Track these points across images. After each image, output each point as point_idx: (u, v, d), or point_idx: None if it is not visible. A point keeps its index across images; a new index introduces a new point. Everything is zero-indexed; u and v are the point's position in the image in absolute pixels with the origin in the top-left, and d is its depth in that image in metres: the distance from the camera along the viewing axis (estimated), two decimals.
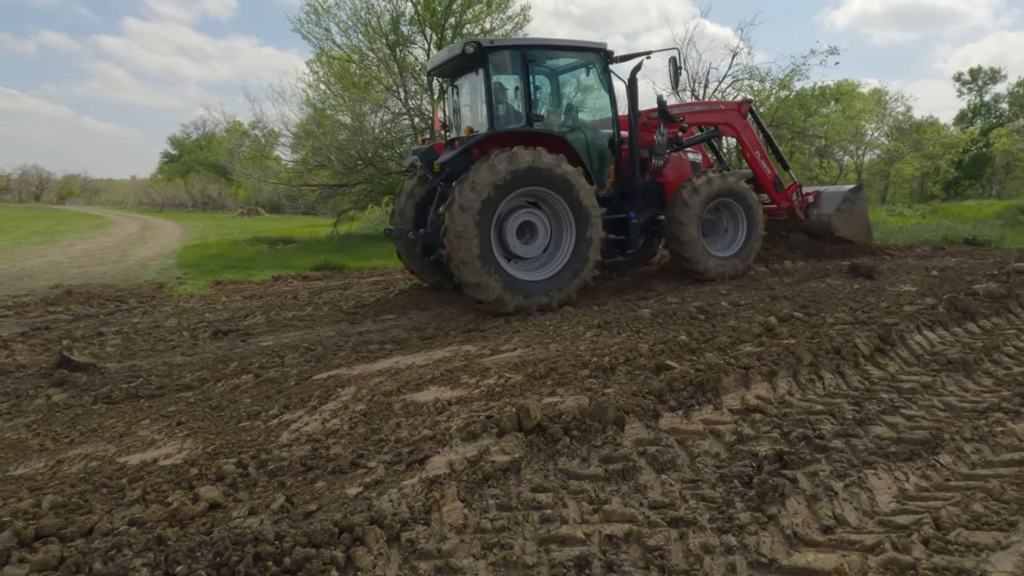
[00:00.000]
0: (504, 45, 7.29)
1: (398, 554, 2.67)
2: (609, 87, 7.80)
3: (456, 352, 5.39)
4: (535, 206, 7.16)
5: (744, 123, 9.39)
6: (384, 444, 3.70)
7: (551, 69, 8.04)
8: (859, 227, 9.80)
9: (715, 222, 8.50)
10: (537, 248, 7.21)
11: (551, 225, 7.24)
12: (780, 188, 9.55)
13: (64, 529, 3.11)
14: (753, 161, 9.39)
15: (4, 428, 4.51)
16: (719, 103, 9.95)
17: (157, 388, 5.21)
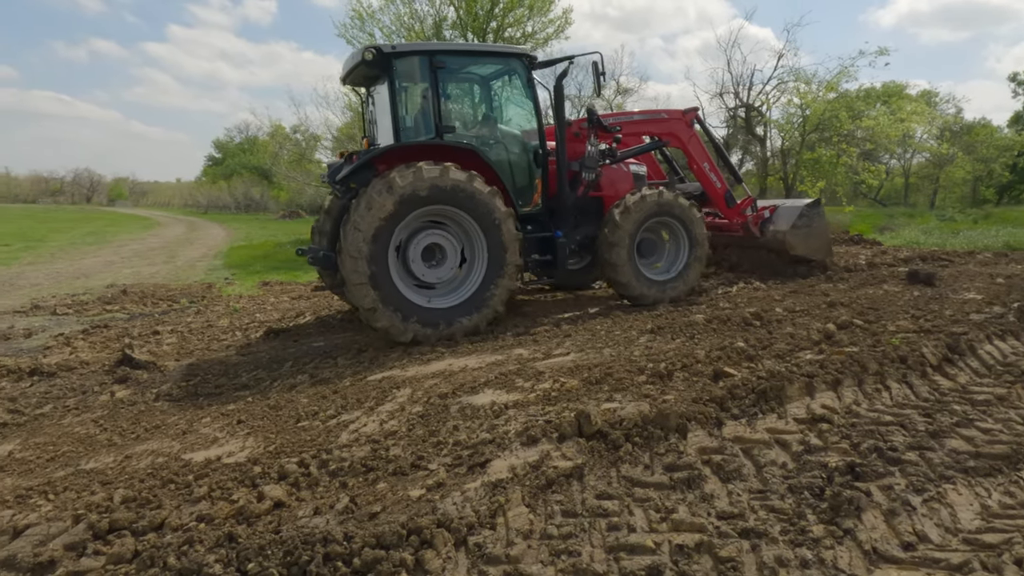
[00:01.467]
0: (409, 51, 6.61)
1: (466, 558, 2.67)
2: (533, 95, 7.11)
3: (508, 356, 5.38)
4: (445, 227, 6.50)
5: (690, 133, 8.63)
6: (443, 446, 3.71)
7: (467, 77, 7.43)
8: (818, 244, 8.90)
9: (654, 241, 7.79)
10: (446, 272, 6.51)
11: (461, 248, 6.55)
12: (732, 203, 8.79)
13: (136, 523, 3.18)
14: (701, 174, 8.68)
15: (73, 423, 4.65)
16: (661, 111, 8.97)
17: (215, 387, 5.32)
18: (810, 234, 8.73)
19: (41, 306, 9.71)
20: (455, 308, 6.36)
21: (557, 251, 7.12)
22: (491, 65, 7.30)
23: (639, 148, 8.41)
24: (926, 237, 15.03)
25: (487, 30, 23.78)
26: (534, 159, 7.17)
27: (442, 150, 6.46)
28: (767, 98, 23.16)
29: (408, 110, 6.81)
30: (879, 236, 15.05)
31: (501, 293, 6.51)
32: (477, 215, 6.32)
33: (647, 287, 7.35)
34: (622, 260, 7.18)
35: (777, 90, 22.54)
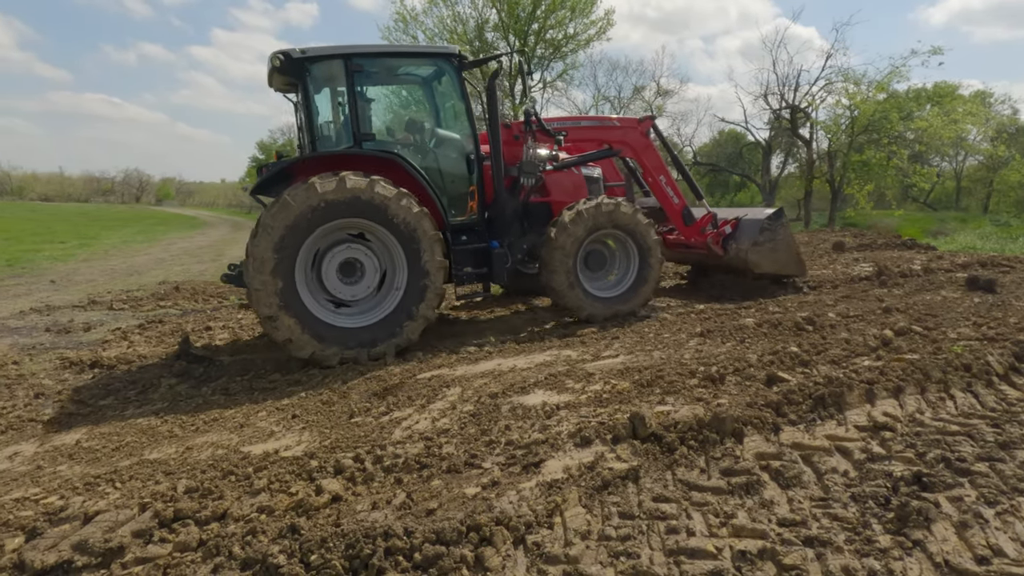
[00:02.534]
0: (321, 55, 6.09)
1: (525, 556, 2.67)
2: (464, 98, 6.61)
3: (557, 356, 5.38)
4: (370, 242, 6.06)
5: (645, 142, 7.96)
6: (495, 445, 3.72)
7: (389, 80, 6.95)
8: (785, 258, 8.10)
9: (603, 255, 7.24)
10: (364, 289, 6.04)
11: (380, 263, 6.08)
12: (690, 220, 8.08)
13: (199, 512, 3.27)
14: (657, 187, 8.00)
15: (135, 414, 4.80)
16: (614, 118, 8.29)
17: (269, 382, 5.44)
18: (775, 248, 7.93)
19: (97, 301, 10.05)
20: (372, 327, 5.90)
21: (493, 262, 6.64)
22: (416, 67, 6.86)
23: (589, 155, 7.75)
24: (983, 242, 14.54)
25: (528, 32, 23.86)
26: (467, 165, 6.71)
27: (362, 160, 6.08)
28: (813, 99, 22.69)
29: (325, 118, 6.48)
30: (932, 240, 14.60)
31: (421, 314, 6.00)
32: (392, 226, 5.85)
33: (589, 303, 6.85)
34: (562, 273, 6.69)
35: (824, 91, 22.07)
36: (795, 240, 8.28)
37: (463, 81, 6.54)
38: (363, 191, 5.68)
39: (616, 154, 7.92)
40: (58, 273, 13.51)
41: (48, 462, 3.96)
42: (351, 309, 6.03)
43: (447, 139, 6.89)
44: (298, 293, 5.67)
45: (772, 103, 23.94)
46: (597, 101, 37.97)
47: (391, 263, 6.05)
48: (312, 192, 5.54)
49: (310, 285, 5.85)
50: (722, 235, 8.03)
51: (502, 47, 24.59)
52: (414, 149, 6.69)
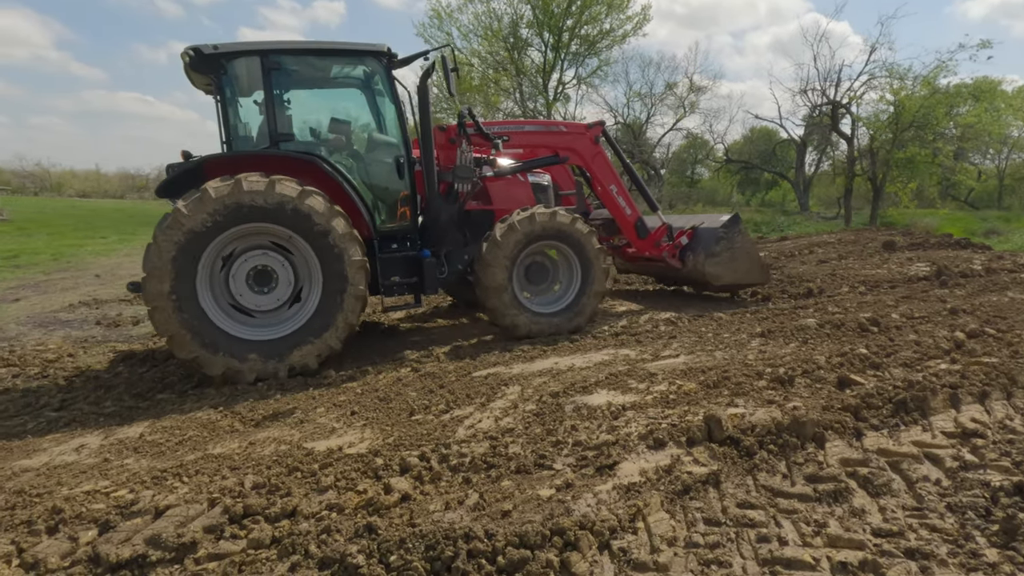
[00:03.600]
0: (235, 51, 5.79)
1: (611, 562, 2.58)
2: (394, 97, 6.25)
3: (615, 356, 5.27)
4: (284, 249, 5.67)
5: (595, 150, 7.46)
6: (563, 446, 3.64)
7: (311, 78, 6.50)
8: (746, 266, 7.58)
9: (545, 267, 6.77)
10: (275, 300, 5.62)
11: (298, 274, 5.69)
12: (644, 233, 7.57)
13: (268, 509, 3.23)
14: (607, 198, 7.48)
15: (193, 408, 4.81)
16: (560, 123, 7.80)
17: (323, 378, 5.42)
18: (734, 258, 7.43)
19: None
20: (280, 341, 5.50)
21: (424, 272, 6.26)
22: (340, 65, 6.44)
23: (533, 161, 7.31)
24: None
25: (563, 28, 23.70)
26: (398, 169, 6.31)
27: (279, 161, 5.77)
28: (854, 94, 22.17)
29: (241, 117, 6.18)
30: (985, 240, 14.15)
31: (338, 328, 5.59)
32: (309, 237, 5.48)
33: (527, 318, 6.36)
34: (497, 283, 6.22)
35: (867, 86, 21.54)
36: (755, 246, 7.81)
37: (393, 80, 6.24)
38: (262, 193, 5.27)
39: (563, 161, 7.43)
40: (102, 267, 13.76)
41: (114, 455, 3.98)
42: (265, 320, 5.63)
43: (376, 141, 6.57)
44: (201, 307, 5.28)
45: (812, 99, 23.47)
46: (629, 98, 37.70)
47: (307, 271, 5.66)
48: (206, 198, 5.17)
49: (218, 298, 5.47)
50: (678, 247, 7.57)
51: (536, 43, 24.49)
52: (339, 151, 6.35)
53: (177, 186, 5.62)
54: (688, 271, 7.60)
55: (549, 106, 24.13)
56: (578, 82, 24.55)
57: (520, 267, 6.48)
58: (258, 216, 5.32)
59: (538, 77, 24.23)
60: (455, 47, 24.88)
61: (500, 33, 23.19)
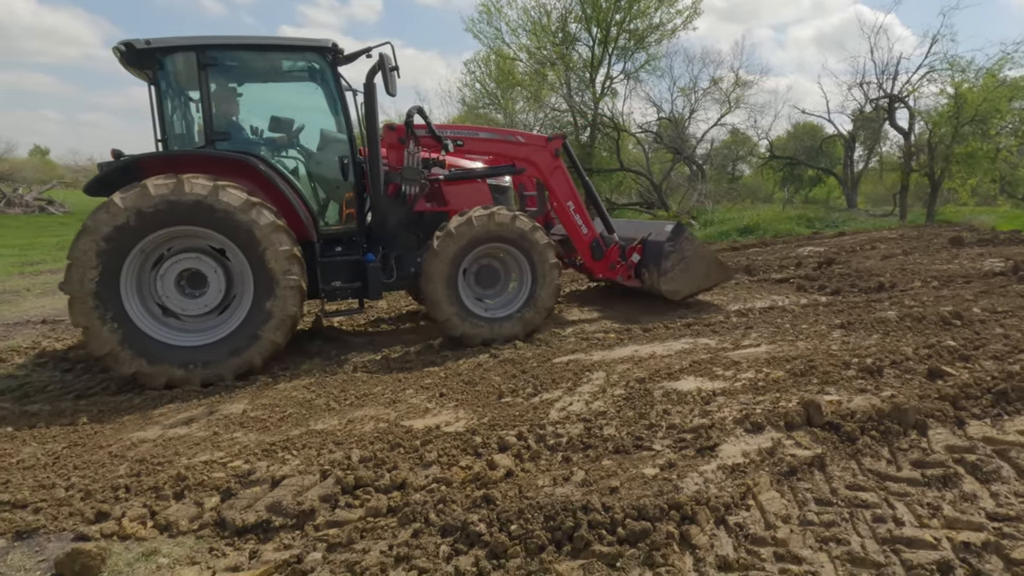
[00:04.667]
0: (170, 46, 5.56)
1: (728, 536, 2.65)
2: (340, 96, 6.01)
3: (695, 344, 5.31)
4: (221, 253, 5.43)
5: (554, 163, 7.03)
6: (657, 429, 3.71)
7: (251, 75, 6.22)
8: (703, 270, 7.14)
9: (495, 271, 6.45)
10: (203, 305, 5.37)
11: (228, 278, 5.41)
12: (600, 254, 7.09)
13: (377, 481, 3.38)
14: (564, 215, 7.06)
15: (288, 388, 5.01)
16: (518, 133, 7.37)
17: (404, 362, 5.57)
18: (687, 268, 6.97)
19: None
20: (200, 349, 5.25)
21: (368, 276, 6.01)
22: (281, 61, 6.17)
23: (487, 169, 7.01)
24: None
25: (611, 22, 23.59)
26: (342, 170, 6.08)
27: (212, 161, 5.56)
28: (912, 88, 21.56)
29: (176, 114, 5.96)
30: None
31: (263, 344, 5.32)
32: (231, 234, 5.23)
33: (472, 324, 6.04)
34: (441, 293, 5.94)
35: (926, 79, 20.93)
36: (706, 247, 7.32)
37: (339, 77, 5.99)
38: (172, 195, 5.07)
39: (519, 172, 7.08)
40: None
41: (223, 429, 4.18)
42: (189, 326, 5.42)
43: (320, 140, 6.36)
44: (123, 305, 5.11)
45: (869, 92, 22.91)
46: (673, 93, 37.31)
47: (241, 277, 5.41)
48: (112, 208, 4.99)
49: (145, 299, 5.28)
50: (631, 267, 7.15)
51: (584, 38, 24.43)
52: (280, 150, 6.14)
53: (110, 185, 5.34)
54: (648, 288, 7.24)
55: (596, 101, 24.06)
56: (626, 77, 24.41)
57: (469, 271, 6.24)
58: (173, 219, 5.11)
59: (585, 72, 24.18)
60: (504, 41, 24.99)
61: (549, 28, 23.22)
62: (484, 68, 27.96)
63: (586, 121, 24.08)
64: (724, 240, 16.31)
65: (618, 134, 23.48)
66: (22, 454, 3.90)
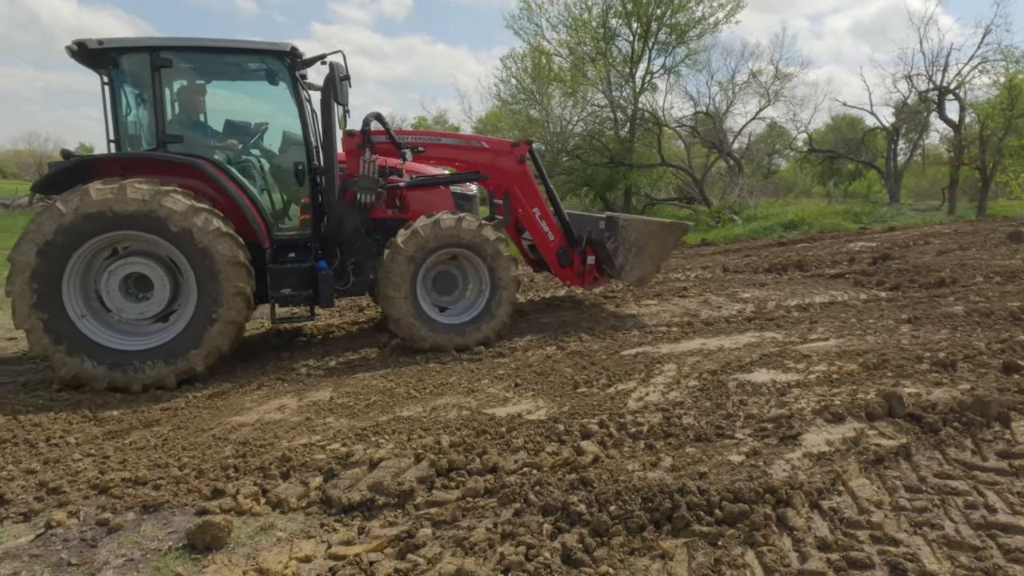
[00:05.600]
0: (122, 47, 5.52)
1: (823, 520, 2.76)
2: (297, 100, 5.93)
3: (761, 338, 5.40)
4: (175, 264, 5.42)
5: (519, 169, 6.82)
6: (735, 419, 3.82)
7: (209, 77, 6.19)
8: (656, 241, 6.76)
9: (454, 276, 6.33)
10: (139, 312, 5.34)
11: (173, 282, 5.36)
12: (567, 261, 6.88)
13: (468, 465, 3.55)
14: (531, 222, 6.86)
15: (366, 377, 5.22)
16: (483, 139, 7.14)
17: (474, 353, 5.75)
18: (640, 249, 6.58)
19: None
20: (143, 353, 5.25)
21: (319, 284, 5.92)
22: (238, 64, 6.08)
23: (450, 176, 6.91)
24: None
25: (652, 16, 23.51)
26: (298, 176, 6.03)
27: (162, 164, 5.53)
28: (963, 79, 21.09)
29: (131, 115, 5.89)
30: None
31: (202, 349, 5.29)
32: (174, 239, 5.20)
33: (431, 330, 5.94)
34: (398, 298, 5.82)
35: (978, 70, 20.46)
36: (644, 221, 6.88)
37: (297, 82, 5.92)
38: (112, 200, 5.05)
39: (483, 179, 6.91)
40: None
41: (314, 415, 4.40)
42: (131, 329, 5.42)
43: (275, 145, 6.34)
44: (65, 308, 5.12)
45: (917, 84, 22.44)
46: (710, 86, 36.94)
47: (187, 282, 5.39)
48: (54, 213, 5.00)
49: (89, 299, 5.31)
50: (592, 270, 6.87)
51: (624, 33, 24.37)
52: (233, 154, 6.08)
53: (57, 186, 5.38)
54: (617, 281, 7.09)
55: (636, 96, 24.02)
56: (666, 71, 24.30)
57: (427, 277, 6.15)
58: (115, 224, 5.09)
59: (625, 67, 24.13)
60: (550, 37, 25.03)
61: (590, 24, 23.25)
62: (520, 64, 28.09)
63: (626, 116, 24.06)
64: (768, 236, 16.20)
65: (659, 129, 23.39)
66: (132, 436, 4.18)
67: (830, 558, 2.50)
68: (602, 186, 24.90)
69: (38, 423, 4.35)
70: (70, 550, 2.94)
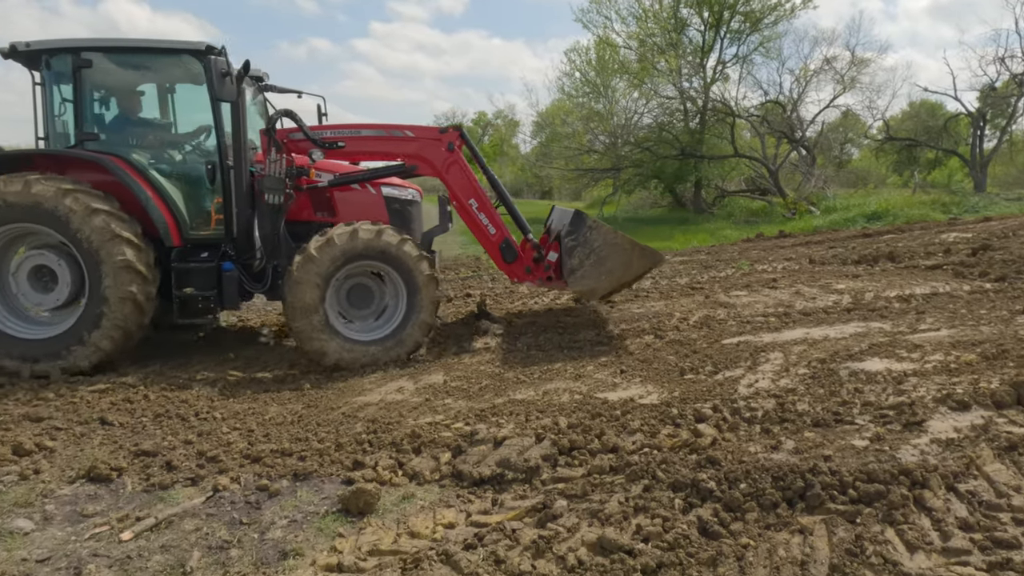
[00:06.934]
0: (47, 48, 5.71)
1: (960, 502, 2.79)
2: (213, 100, 5.81)
3: (867, 328, 5.37)
4: None
5: (450, 159, 6.29)
6: (851, 405, 3.85)
7: (130, 77, 6.13)
8: (621, 259, 5.93)
9: (371, 290, 5.95)
10: (53, 301, 5.51)
11: (74, 276, 5.46)
12: (512, 256, 6.25)
13: (588, 445, 3.71)
14: (467, 214, 6.34)
15: (473, 362, 5.46)
16: (406, 128, 6.51)
17: (572, 341, 5.91)
18: (600, 260, 5.83)
19: None
20: (35, 343, 5.41)
21: (223, 285, 5.81)
22: (159, 63, 6.08)
23: (372, 171, 6.47)
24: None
25: (724, 4, 23.08)
26: (211, 175, 5.94)
27: (74, 162, 5.66)
28: None
29: (64, 114, 6.00)
30: None
31: (87, 347, 5.35)
32: (72, 238, 5.30)
33: (335, 345, 5.57)
34: (304, 305, 5.49)
35: None
36: (616, 233, 6.04)
37: (213, 82, 5.72)
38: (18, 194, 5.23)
39: (411, 171, 6.47)
40: None
41: (432, 396, 4.66)
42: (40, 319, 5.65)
43: (189, 144, 6.37)
44: None
45: (1012, 66, 21.25)
46: (780, 75, 35.92)
47: (92, 277, 5.43)
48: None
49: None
50: (549, 266, 6.17)
51: (695, 23, 24.03)
52: (146, 152, 6.05)
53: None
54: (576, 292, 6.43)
55: (707, 87, 23.64)
56: (739, 60, 23.83)
57: (341, 288, 5.82)
58: (16, 217, 5.31)
59: (695, 58, 23.79)
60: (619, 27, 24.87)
61: (660, 15, 23.02)
62: (584, 57, 28.01)
63: (696, 108, 23.72)
64: (850, 227, 15.77)
65: (733, 120, 22.97)
66: (269, 413, 4.52)
67: (973, 537, 2.54)
68: (671, 178, 24.66)
69: (184, 399, 4.75)
70: (239, 511, 3.25)
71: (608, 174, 25.34)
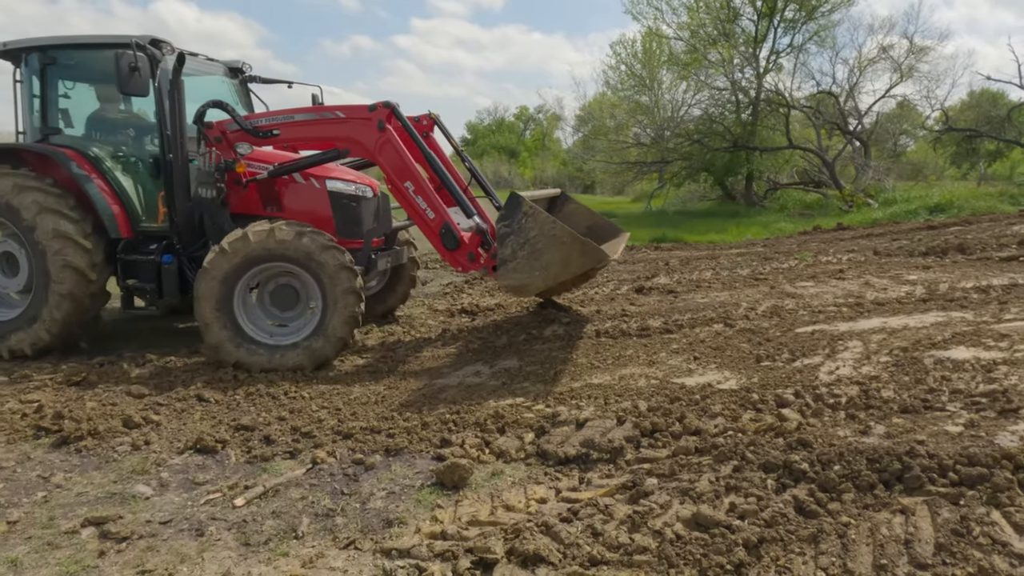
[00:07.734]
0: (16, 47, 6.09)
1: None
2: (157, 91, 5.81)
3: (948, 317, 5.28)
4: None
5: (381, 139, 5.81)
6: (940, 393, 3.81)
7: (88, 72, 6.33)
8: (559, 255, 5.09)
9: (295, 291, 5.63)
10: (16, 285, 5.94)
11: (31, 265, 5.78)
12: (454, 243, 5.66)
13: (670, 428, 3.76)
14: (403, 197, 5.84)
15: (544, 350, 5.53)
16: (336, 108, 6.16)
17: (640, 329, 5.94)
18: (535, 253, 5.12)
19: None
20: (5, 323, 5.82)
21: (163, 278, 5.92)
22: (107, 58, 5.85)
23: (305, 160, 6.15)
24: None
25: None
26: (155, 168, 6.11)
27: (33, 156, 5.96)
28: None
29: (33, 109, 6.25)
30: None
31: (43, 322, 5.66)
32: (21, 232, 5.65)
33: (244, 351, 5.34)
34: (209, 308, 5.33)
35: None
36: (556, 224, 5.15)
37: (155, 75, 5.80)
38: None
39: (343, 156, 6.13)
40: None
41: (509, 380, 4.76)
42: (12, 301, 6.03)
43: (136, 137, 6.51)
44: None
45: None
46: (834, 65, 34.93)
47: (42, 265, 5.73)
48: None
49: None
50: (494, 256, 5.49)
51: (748, 12, 23.59)
52: (97, 146, 6.18)
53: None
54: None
55: (759, 78, 23.20)
56: (793, 50, 23.29)
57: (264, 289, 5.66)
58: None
59: (748, 48, 23.36)
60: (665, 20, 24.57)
61: (712, 4, 22.68)
62: (629, 49, 27.73)
63: (749, 99, 23.31)
64: (912, 219, 15.33)
65: (788, 111, 22.50)
66: (353, 393, 4.68)
67: None
68: (722, 171, 24.28)
69: (272, 379, 4.95)
70: (338, 483, 3.40)
71: (654, 167, 25.10)
